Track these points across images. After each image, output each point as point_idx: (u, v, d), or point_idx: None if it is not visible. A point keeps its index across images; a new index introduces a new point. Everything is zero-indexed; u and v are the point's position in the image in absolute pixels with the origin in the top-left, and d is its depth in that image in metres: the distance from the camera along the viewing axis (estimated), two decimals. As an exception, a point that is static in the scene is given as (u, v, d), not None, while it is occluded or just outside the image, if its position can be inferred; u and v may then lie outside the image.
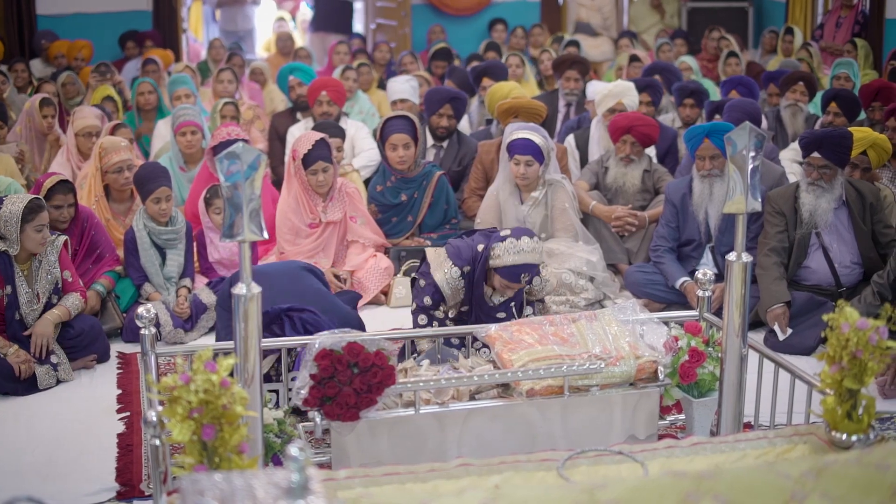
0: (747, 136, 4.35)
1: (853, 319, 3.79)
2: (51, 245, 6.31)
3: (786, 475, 2.67)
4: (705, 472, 2.66)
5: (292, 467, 2.59)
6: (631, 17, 17.20)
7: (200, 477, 2.66)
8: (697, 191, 7.30)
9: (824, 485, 2.64)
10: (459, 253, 5.85)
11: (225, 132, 8.10)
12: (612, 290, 7.67)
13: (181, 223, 7.10)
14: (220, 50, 14.08)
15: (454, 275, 5.84)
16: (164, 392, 3.35)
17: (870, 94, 9.44)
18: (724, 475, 2.65)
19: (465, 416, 4.80)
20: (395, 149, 7.87)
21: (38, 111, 9.22)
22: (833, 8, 14.47)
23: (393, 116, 8.12)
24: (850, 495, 2.62)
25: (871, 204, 7.00)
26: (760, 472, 2.71)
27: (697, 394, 5.11)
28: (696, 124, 9.46)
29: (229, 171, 3.85)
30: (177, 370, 3.32)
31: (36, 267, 6.24)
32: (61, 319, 6.32)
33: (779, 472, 2.68)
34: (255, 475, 2.65)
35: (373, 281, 7.56)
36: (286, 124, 10.17)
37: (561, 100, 10.58)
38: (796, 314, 6.82)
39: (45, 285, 6.25)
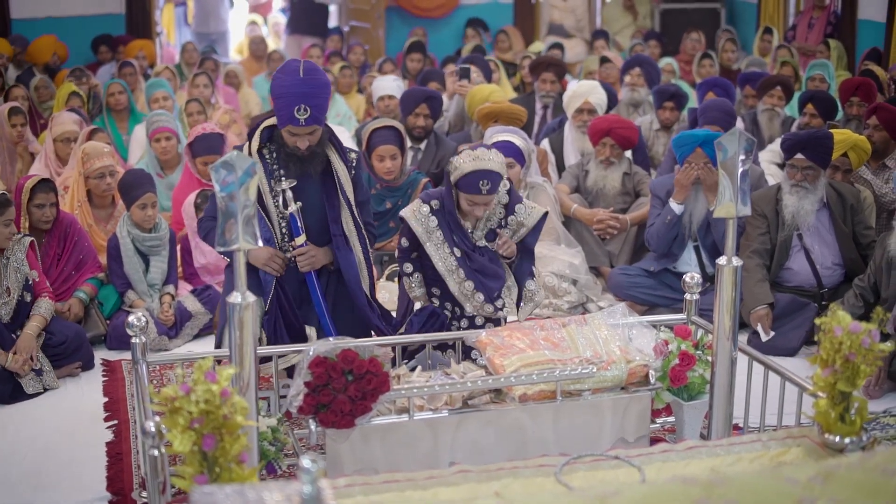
0: (738, 142, 4.38)
1: (846, 323, 3.82)
2: (17, 243, 6.31)
3: (793, 480, 2.69)
4: (715, 479, 2.67)
5: (305, 479, 2.59)
6: (604, 18, 17.25)
7: (213, 490, 2.65)
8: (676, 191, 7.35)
9: (831, 490, 2.66)
10: (429, 193, 5.85)
11: (200, 128, 8.16)
12: (594, 293, 7.70)
13: (165, 230, 7.08)
14: (194, 53, 14.02)
15: (423, 211, 5.73)
16: (165, 403, 3.34)
17: (850, 89, 9.52)
18: (732, 481, 2.67)
19: (457, 422, 4.81)
20: (382, 160, 7.85)
21: (7, 121, 9.15)
22: (805, 9, 14.55)
23: (379, 127, 8.04)
24: (856, 500, 2.64)
25: (851, 206, 7.06)
26: (768, 477, 2.73)
27: (687, 397, 5.13)
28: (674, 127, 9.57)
29: (224, 181, 3.85)
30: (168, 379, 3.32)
31: (4, 263, 6.24)
32: (41, 329, 6.31)
33: (786, 478, 2.70)
34: (268, 487, 2.65)
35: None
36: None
37: (537, 102, 10.59)
38: (779, 315, 6.87)
39: (14, 281, 6.24)
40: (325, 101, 5.48)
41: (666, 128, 9.76)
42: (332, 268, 5.71)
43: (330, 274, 5.74)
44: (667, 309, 7.24)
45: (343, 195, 5.58)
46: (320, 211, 5.59)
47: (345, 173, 5.60)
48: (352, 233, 5.62)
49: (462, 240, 5.75)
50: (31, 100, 10.52)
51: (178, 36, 17.91)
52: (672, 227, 7.35)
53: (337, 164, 5.59)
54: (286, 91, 5.37)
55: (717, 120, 8.34)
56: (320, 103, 5.41)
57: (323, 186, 5.58)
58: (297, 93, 5.34)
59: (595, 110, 9.05)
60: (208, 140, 7.98)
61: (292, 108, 5.34)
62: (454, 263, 5.73)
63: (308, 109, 5.35)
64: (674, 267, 7.50)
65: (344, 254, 5.61)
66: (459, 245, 5.74)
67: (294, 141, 5.44)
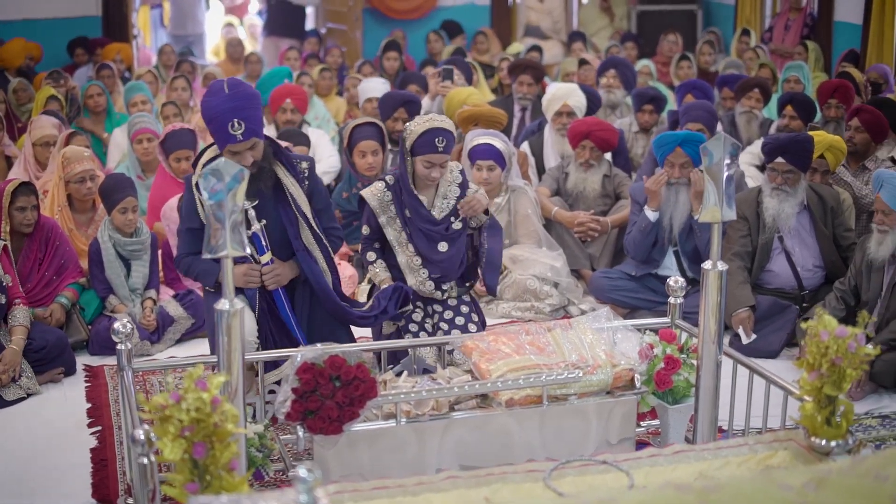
0: (723, 147, 4.40)
1: (832, 327, 3.85)
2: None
3: (787, 486, 2.71)
4: (709, 486, 2.69)
5: (300, 489, 2.59)
6: (580, 20, 17.27)
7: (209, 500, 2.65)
8: (664, 196, 7.35)
9: (825, 496, 2.68)
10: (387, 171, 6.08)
11: (170, 126, 8.18)
12: (575, 296, 7.71)
13: (146, 234, 7.06)
14: (171, 55, 13.99)
15: (378, 186, 5.96)
16: (156, 411, 3.34)
17: (828, 91, 9.54)
18: (726, 488, 2.68)
19: (444, 428, 4.81)
20: (363, 156, 7.86)
21: (-17, 127, 9.12)
22: (781, 10, 14.61)
23: (360, 123, 8.09)
24: (850, 506, 2.67)
25: (831, 208, 7.09)
26: (761, 483, 2.74)
27: (672, 400, 5.15)
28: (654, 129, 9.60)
29: (213, 189, 3.85)
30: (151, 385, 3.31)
31: None
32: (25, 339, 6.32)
33: (779, 484, 2.72)
34: (264, 496, 2.66)
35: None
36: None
37: (515, 104, 10.60)
38: (760, 318, 6.90)
39: None
40: (258, 113, 5.40)
41: (645, 130, 9.79)
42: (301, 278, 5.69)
43: (302, 285, 5.73)
44: (648, 312, 7.25)
45: (298, 209, 5.56)
46: (279, 227, 5.58)
47: (295, 187, 5.56)
48: (312, 245, 5.61)
49: (417, 209, 5.91)
50: (8, 103, 10.47)
51: (153, 38, 17.84)
52: (648, 234, 7.37)
53: (286, 179, 5.55)
54: (216, 112, 5.29)
55: (699, 118, 8.42)
56: (253, 115, 5.33)
57: (277, 203, 5.56)
58: (227, 109, 5.25)
59: (574, 113, 9.06)
60: (179, 136, 7.97)
61: (226, 126, 5.25)
62: (405, 237, 5.94)
63: (242, 123, 5.26)
64: (655, 271, 7.52)
65: (309, 265, 5.60)
66: (413, 220, 5.91)
67: (238, 160, 5.29)
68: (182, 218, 5.68)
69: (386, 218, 5.95)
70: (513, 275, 7.63)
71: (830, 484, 2.73)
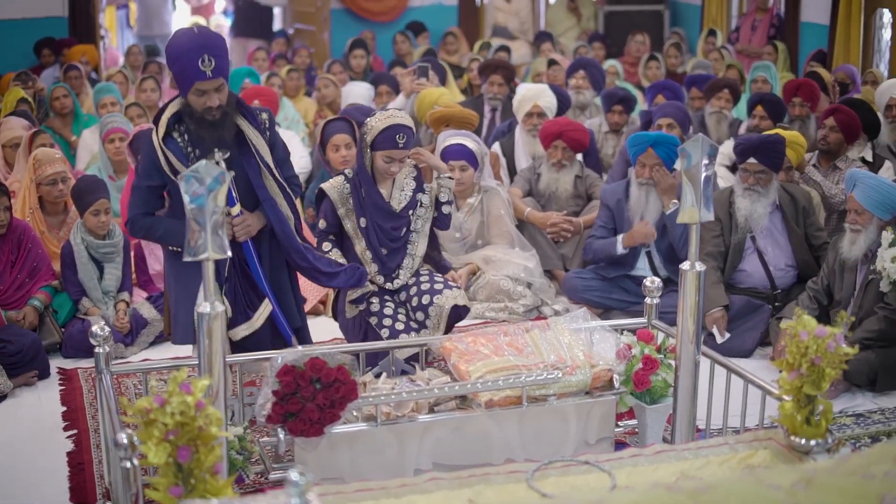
0: (701, 148, 4.42)
1: (811, 327, 3.87)
2: None
3: (776, 486, 2.72)
4: (699, 487, 2.70)
5: (292, 492, 2.59)
6: (548, 20, 17.30)
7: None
8: (635, 196, 7.38)
9: (815, 495, 2.70)
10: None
11: (138, 127, 8.18)
12: (549, 296, 7.73)
13: (119, 236, 7.03)
14: (139, 56, 13.93)
15: (339, 180, 6.15)
16: (140, 415, 3.33)
17: (792, 90, 9.66)
18: (716, 489, 2.70)
19: (423, 429, 4.82)
20: (337, 149, 7.86)
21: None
22: (748, 11, 14.68)
23: (332, 119, 8.12)
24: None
25: (803, 208, 7.14)
26: (751, 483, 2.76)
27: (650, 400, 5.17)
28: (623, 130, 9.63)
29: (194, 193, 3.85)
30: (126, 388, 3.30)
31: None
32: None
33: (768, 484, 2.74)
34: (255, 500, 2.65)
35: (310, 291, 7.51)
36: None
37: (486, 105, 10.61)
38: (734, 317, 6.93)
39: None
40: (227, 56, 5.39)
41: (615, 131, 9.83)
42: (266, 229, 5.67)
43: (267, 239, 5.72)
44: (622, 312, 7.29)
45: (261, 159, 5.53)
46: (244, 178, 5.54)
47: (258, 137, 5.53)
48: (277, 194, 5.59)
49: (377, 202, 6.08)
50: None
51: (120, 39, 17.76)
52: (613, 261, 7.49)
53: (248, 131, 5.51)
54: (185, 49, 5.25)
55: (670, 114, 8.54)
56: (222, 54, 5.31)
57: (241, 154, 5.52)
58: (197, 45, 5.23)
59: (545, 113, 9.09)
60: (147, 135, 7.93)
61: (196, 61, 5.20)
62: (359, 231, 6.13)
63: (212, 60, 5.23)
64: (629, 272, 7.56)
65: (275, 213, 5.58)
66: (370, 214, 6.08)
67: (204, 101, 5.29)
68: (139, 174, 5.60)
69: (344, 210, 6.12)
70: (486, 276, 7.64)
71: (818, 483, 2.75)
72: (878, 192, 6.26)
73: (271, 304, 5.63)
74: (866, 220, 6.29)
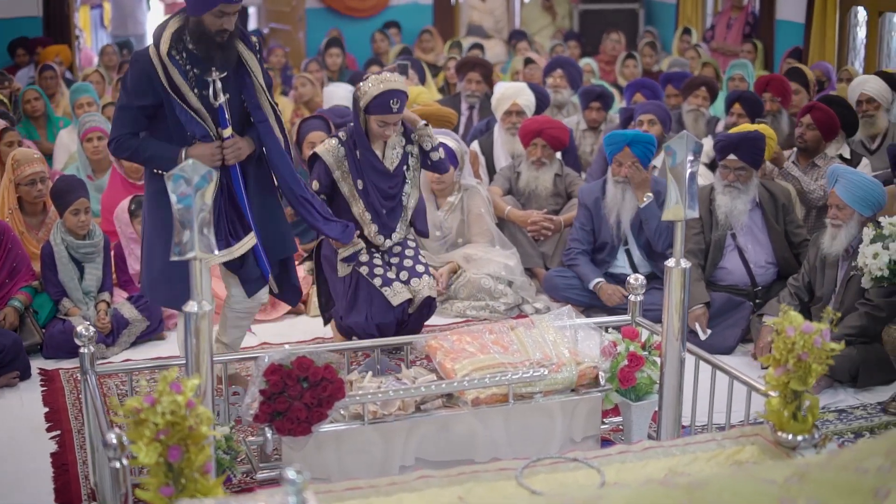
0: (686, 146, 4.43)
1: (798, 323, 3.89)
2: None
3: (770, 481, 2.74)
4: (694, 483, 2.71)
5: (290, 490, 2.58)
6: (523, 19, 17.33)
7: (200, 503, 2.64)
8: (611, 194, 7.40)
9: (809, 489, 2.71)
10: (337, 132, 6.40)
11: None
12: (529, 294, 7.73)
13: (99, 236, 7.00)
14: (113, 56, 13.87)
15: (332, 143, 6.23)
16: (130, 415, 3.32)
17: (762, 86, 9.77)
18: (713, 484, 2.71)
19: (409, 428, 4.82)
20: (312, 146, 7.86)
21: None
22: (723, 9, 14.73)
23: (308, 117, 8.15)
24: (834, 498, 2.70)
25: (783, 205, 7.17)
26: (747, 478, 2.77)
27: (635, 397, 5.18)
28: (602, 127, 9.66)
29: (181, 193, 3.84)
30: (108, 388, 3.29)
31: None
32: None
33: (764, 479, 2.75)
34: (253, 498, 2.65)
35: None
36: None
37: (463, 102, 10.62)
38: (715, 315, 6.95)
39: None
40: None
41: (593, 128, 9.84)
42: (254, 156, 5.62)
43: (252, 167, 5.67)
44: (602, 310, 7.30)
45: (256, 80, 5.47)
46: (237, 102, 5.50)
47: (252, 59, 5.49)
48: (270, 115, 5.53)
49: (373, 163, 6.18)
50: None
51: (94, 39, 17.68)
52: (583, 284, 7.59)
53: (245, 53, 5.47)
54: None
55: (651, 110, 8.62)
56: None
57: (237, 76, 5.47)
58: None
59: (524, 112, 9.10)
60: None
61: None
62: (357, 192, 6.20)
63: None
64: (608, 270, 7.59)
65: (270, 138, 5.52)
66: (367, 175, 6.17)
67: (221, 23, 5.26)
68: (128, 93, 5.43)
69: (340, 173, 6.19)
70: (467, 274, 7.64)
71: (812, 478, 2.77)
72: (860, 187, 6.29)
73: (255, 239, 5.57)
74: (847, 216, 6.32)
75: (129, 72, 5.47)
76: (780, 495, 2.69)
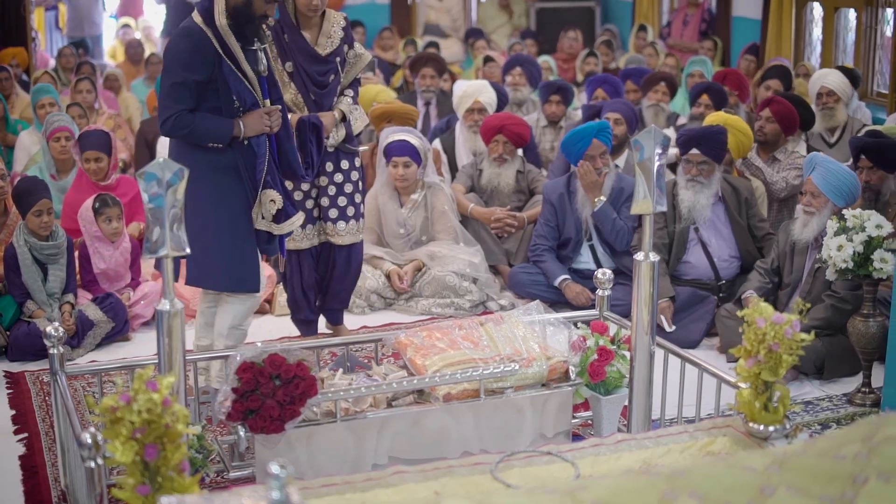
0: (653, 140, 4.46)
1: (768, 314, 3.92)
2: None
3: (752, 469, 2.76)
4: (677, 471, 2.73)
5: (273, 485, 2.58)
6: (479, 17, 17.35)
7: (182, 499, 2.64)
8: (581, 193, 7.45)
9: (789, 477, 2.74)
10: None
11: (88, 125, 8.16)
12: (494, 291, 7.75)
13: (62, 237, 6.95)
14: (70, 58, 13.78)
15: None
16: (106, 414, 3.30)
17: (719, 80, 10.04)
18: (694, 472, 2.73)
19: (381, 424, 4.82)
20: None
21: None
22: (679, 6, 14.81)
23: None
24: (813, 485, 2.73)
25: (745, 199, 7.22)
26: (727, 466, 2.80)
27: (605, 391, 5.20)
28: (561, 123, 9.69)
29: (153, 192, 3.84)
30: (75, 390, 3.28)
31: None
32: None
33: (744, 466, 2.78)
34: (237, 493, 2.65)
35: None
36: (156, 131, 10.00)
37: (419, 99, 10.64)
38: (680, 309, 6.99)
39: None
40: None
41: (553, 123, 9.87)
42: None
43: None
44: (567, 305, 7.33)
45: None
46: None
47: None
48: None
49: (303, 47, 6.19)
50: None
51: (48, 41, 17.54)
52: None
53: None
54: None
55: (620, 111, 8.62)
56: None
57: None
58: None
59: (485, 109, 9.13)
60: (93, 137, 7.90)
61: None
62: (287, 76, 6.21)
63: None
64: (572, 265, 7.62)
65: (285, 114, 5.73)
66: (293, 57, 6.19)
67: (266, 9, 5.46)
68: (177, 70, 5.38)
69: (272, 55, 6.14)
70: (432, 272, 7.65)
71: (791, 465, 2.79)
72: (837, 177, 6.34)
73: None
74: (821, 204, 6.37)
75: (176, 47, 5.43)
76: (760, 483, 2.72)
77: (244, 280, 5.62)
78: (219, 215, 5.48)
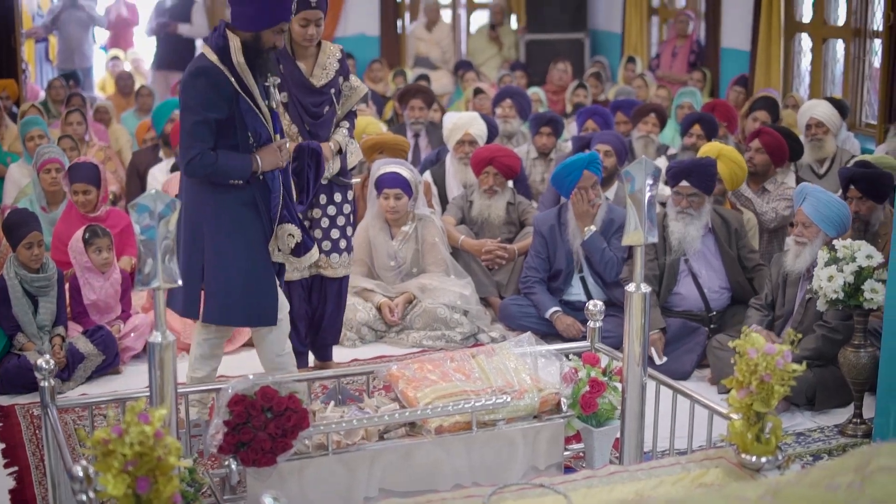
0: (644, 171, 4.48)
1: (760, 345, 3.93)
2: None
3: (745, 499, 2.76)
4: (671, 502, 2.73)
5: (267, 517, 2.58)
6: (469, 50, 17.38)
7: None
8: (573, 224, 7.46)
9: (782, 507, 2.74)
10: None
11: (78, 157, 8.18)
12: (485, 324, 7.75)
13: (52, 269, 6.93)
14: (61, 90, 13.78)
15: None
16: (98, 446, 3.29)
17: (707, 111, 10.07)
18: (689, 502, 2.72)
19: (373, 457, 4.81)
20: None
21: None
22: (668, 38, 14.86)
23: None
24: (807, 517, 2.73)
25: (735, 230, 7.23)
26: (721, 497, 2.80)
27: (596, 423, 5.20)
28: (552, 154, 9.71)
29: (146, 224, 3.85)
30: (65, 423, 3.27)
31: None
32: None
33: (738, 497, 2.77)
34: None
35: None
36: (148, 162, 10.05)
37: (408, 130, 10.65)
38: (671, 340, 6.99)
39: None
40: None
41: (543, 155, 9.88)
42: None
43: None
44: (558, 337, 7.33)
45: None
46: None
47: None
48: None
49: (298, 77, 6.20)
50: None
51: (38, 73, 17.54)
52: None
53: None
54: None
55: (608, 141, 8.66)
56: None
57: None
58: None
59: (476, 141, 9.14)
60: (82, 169, 7.90)
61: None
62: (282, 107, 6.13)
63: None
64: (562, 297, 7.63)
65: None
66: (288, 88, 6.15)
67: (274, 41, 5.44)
68: (196, 109, 5.32)
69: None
70: (423, 304, 7.65)
71: (785, 495, 2.79)
72: (828, 207, 6.36)
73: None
74: (813, 234, 6.38)
75: (194, 87, 5.37)
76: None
77: (264, 314, 5.59)
78: (238, 252, 5.46)
